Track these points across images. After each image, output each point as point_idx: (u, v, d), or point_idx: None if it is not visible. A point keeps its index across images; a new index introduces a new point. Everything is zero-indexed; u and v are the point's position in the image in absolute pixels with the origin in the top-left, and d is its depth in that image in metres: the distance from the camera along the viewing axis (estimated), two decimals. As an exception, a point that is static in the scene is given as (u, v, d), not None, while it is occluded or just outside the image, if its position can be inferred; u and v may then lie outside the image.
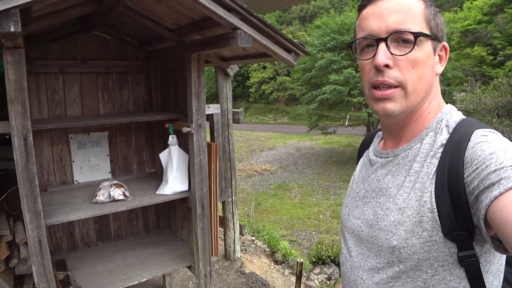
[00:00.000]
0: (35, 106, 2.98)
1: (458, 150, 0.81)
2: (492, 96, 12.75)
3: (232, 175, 4.23)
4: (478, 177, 0.74)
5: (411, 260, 0.85)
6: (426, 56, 0.87)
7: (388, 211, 0.91)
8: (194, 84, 2.69)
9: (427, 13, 0.87)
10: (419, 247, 0.83)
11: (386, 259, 0.91)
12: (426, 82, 0.89)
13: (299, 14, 38.46)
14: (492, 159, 0.73)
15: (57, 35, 3.02)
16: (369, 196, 1.00)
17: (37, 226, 2.24)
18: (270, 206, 10.85)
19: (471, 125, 0.85)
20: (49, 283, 2.34)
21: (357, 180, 1.09)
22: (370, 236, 0.95)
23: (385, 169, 0.98)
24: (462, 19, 20.22)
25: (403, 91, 0.88)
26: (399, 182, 0.91)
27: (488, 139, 0.79)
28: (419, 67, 0.87)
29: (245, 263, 4.69)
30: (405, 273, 0.87)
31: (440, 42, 0.91)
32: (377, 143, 1.08)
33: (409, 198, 0.87)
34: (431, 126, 0.91)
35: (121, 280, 2.85)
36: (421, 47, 0.86)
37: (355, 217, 1.03)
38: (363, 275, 0.97)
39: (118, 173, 3.47)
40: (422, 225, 0.83)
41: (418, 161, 0.89)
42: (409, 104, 0.89)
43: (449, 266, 0.83)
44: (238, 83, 32.34)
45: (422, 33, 0.86)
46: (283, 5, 5.27)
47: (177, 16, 2.52)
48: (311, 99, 16.68)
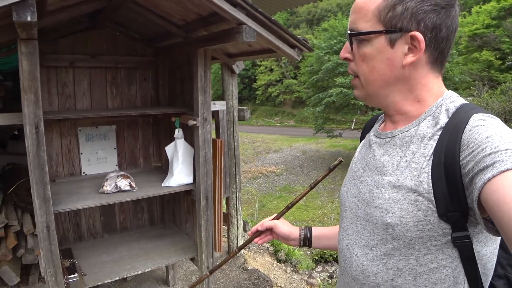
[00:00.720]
0: (45, 99, 3.06)
1: (455, 133, 0.83)
2: (499, 100, 12.67)
3: (237, 171, 4.29)
4: (473, 160, 0.76)
5: (404, 237, 0.87)
6: (376, 51, 0.92)
7: (383, 189, 0.93)
8: (201, 78, 2.76)
9: (382, 6, 0.90)
10: (412, 225, 0.85)
11: (380, 236, 0.93)
12: (381, 74, 0.94)
13: (306, 17, 38.52)
14: (488, 143, 0.75)
15: (68, 31, 3.11)
16: (365, 175, 1.02)
17: (46, 212, 2.31)
18: (275, 207, 10.87)
19: (471, 109, 0.87)
20: (55, 268, 2.41)
21: (356, 160, 1.12)
22: (366, 214, 0.98)
23: (382, 149, 1.00)
24: (470, 23, 20.12)
25: (359, 81, 0.99)
26: (395, 161, 0.94)
27: (485, 123, 0.80)
28: (368, 61, 0.94)
29: (248, 260, 4.74)
30: (398, 250, 0.89)
31: (405, 32, 0.89)
32: (378, 125, 1.10)
33: (403, 177, 0.89)
34: (430, 110, 0.93)
35: (125, 269, 2.91)
36: (370, 42, 0.93)
37: (352, 196, 1.05)
38: (358, 252, 1.00)
39: (125, 166, 3.55)
40: (417, 204, 0.85)
41: (415, 142, 0.91)
42: (368, 92, 0.99)
43: (442, 246, 0.85)
44: (245, 85, 32.41)
45: (355, 33, 0.94)
46: (290, 5, 5.32)
47: (184, 12, 2.59)
48: (317, 102, 16.70)
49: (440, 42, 0.91)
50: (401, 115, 0.98)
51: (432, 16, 0.87)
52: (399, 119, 0.99)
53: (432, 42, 0.90)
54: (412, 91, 0.95)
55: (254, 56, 3.18)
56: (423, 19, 0.87)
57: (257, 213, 9.11)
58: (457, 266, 0.86)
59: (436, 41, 0.90)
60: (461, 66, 16.60)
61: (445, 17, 0.89)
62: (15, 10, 1.65)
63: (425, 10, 0.87)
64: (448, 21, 0.89)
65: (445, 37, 0.90)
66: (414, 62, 0.90)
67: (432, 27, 0.88)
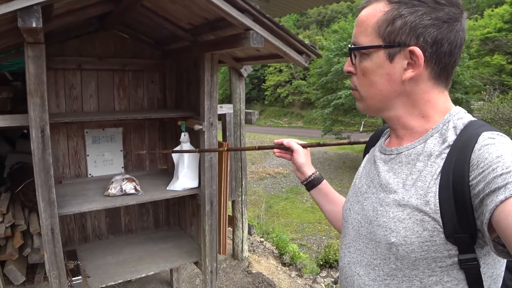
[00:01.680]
0: (53, 100, 3.08)
1: (464, 151, 0.80)
2: (510, 105, 12.53)
3: (243, 175, 4.28)
4: (484, 180, 0.73)
5: (408, 258, 0.85)
6: (375, 65, 0.91)
7: (388, 207, 0.90)
8: (207, 83, 2.75)
9: (381, 21, 0.89)
10: (417, 246, 0.83)
11: (383, 256, 0.91)
12: (380, 89, 0.93)
13: (316, 18, 38.41)
14: (499, 163, 0.72)
15: (76, 33, 3.12)
16: (369, 192, 1.00)
17: (51, 215, 2.32)
18: (281, 209, 10.85)
19: (479, 127, 0.85)
20: (59, 270, 2.42)
21: (360, 175, 1.10)
22: (369, 232, 0.95)
23: (387, 166, 0.98)
24: (482, 26, 19.92)
25: (359, 94, 0.99)
26: (401, 179, 0.91)
27: (495, 142, 0.78)
28: (368, 75, 0.94)
29: (253, 263, 4.73)
30: (401, 271, 0.87)
31: (404, 47, 0.87)
32: (384, 140, 1.08)
33: (409, 196, 0.86)
34: (437, 127, 0.91)
35: (129, 272, 2.92)
36: (370, 56, 0.92)
37: (355, 212, 1.03)
38: (360, 271, 0.97)
39: (131, 169, 3.55)
40: (423, 224, 0.82)
41: (421, 160, 0.89)
42: (368, 105, 0.99)
43: (447, 267, 0.82)
44: (253, 86, 32.42)
45: (355, 47, 0.94)
46: (301, 7, 5.30)
47: (191, 16, 2.58)
48: (326, 104, 16.65)
49: (442, 57, 0.88)
50: (406, 130, 0.96)
51: (432, 31, 0.85)
52: (404, 134, 0.97)
53: (433, 57, 0.87)
54: (415, 106, 0.93)
55: (261, 60, 3.17)
56: (422, 33, 0.85)
57: (263, 214, 9.09)
58: None
59: (438, 56, 0.87)
60: (472, 70, 16.42)
61: (447, 31, 0.86)
62: (20, 16, 1.65)
63: (424, 25, 0.85)
64: (450, 35, 0.86)
65: (448, 52, 0.87)
66: (415, 77, 0.89)
67: (432, 42, 0.86)
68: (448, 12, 0.86)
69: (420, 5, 0.85)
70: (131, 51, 3.41)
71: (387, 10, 0.88)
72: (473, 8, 27.72)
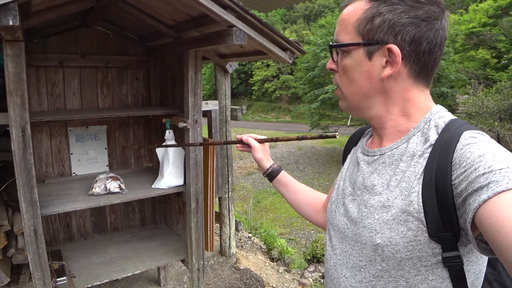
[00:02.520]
0: (34, 99, 3.03)
1: (446, 151, 0.81)
2: (494, 99, 12.72)
3: (229, 172, 4.27)
4: (466, 180, 0.74)
5: (394, 259, 0.86)
6: (355, 63, 0.92)
7: (372, 209, 0.91)
8: (191, 80, 2.73)
9: (360, 19, 0.89)
10: (402, 246, 0.84)
11: (369, 257, 0.91)
12: (360, 86, 0.94)
13: (303, 13, 38.43)
14: (481, 162, 0.73)
15: (58, 29, 3.07)
16: (354, 194, 1.00)
17: (33, 215, 2.28)
18: (270, 204, 10.88)
19: (460, 126, 0.85)
20: (43, 271, 2.39)
21: (344, 177, 1.09)
22: (354, 234, 0.96)
23: (371, 167, 0.98)
24: (467, 21, 20.18)
25: (341, 92, 1.00)
26: (385, 180, 0.91)
27: (477, 141, 0.79)
28: (348, 73, 0.94)
29: (241, 259, 4.74)
30: (387, 271, 0.88)
31: (383, 44, 0.88)
32: (365, 141, 1.08)
33: (394, 197, 0.87)
34: (419, 126, 0.91)
35: (115, 271, 2.89)
36: (350, 54, 0.93)
37: (340, 214, 1.03)
38: (346, 273, 0.98)
39: (116, 167, 3.52)
40: (407, 224, 0.83)
41: (404, 160, 0.89)
42: (350, 103, 0.99)
43: (432, 266, 0.83)
44: (241, 81, 32.37)
45: (334, 45, 0.95)
46: (287, 3, 5.28)
47: (174, 12, 2.56)
48: (313, 98, 16.70)
49: (421, 56, 0.88)
50: (387, 129, 0.97)
51: (410, 29, 0.86)
52: (385, 133, 0.98)
53: (411, 55, 0.88)
54: (396, 104, 0.93)
55: (245, 57, 3.15)
56: (400, 31, 0.86)
57: (251, 210, 9.11)
58: (447, 286, 0.84)
59: (416, 54, 0.88)
60: (457, 64, 16.59)
61: (425, 30, 0.86)
62: (-4, 14, 1.61)
63: (402, 23, 0.85)
64: (429, 34, 0.86)
65: (427, 50, 0.88)
66: (393, 75, 0.89)
67: (410, 40, 0.86)
68: (427, 11, 0.86)
69: (399, 4, 0.86)
70: (115, 47, 3.36)
71: (367, 8, 0.88)
72: (458, 3, 28.00)
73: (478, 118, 12.67)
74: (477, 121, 12.37)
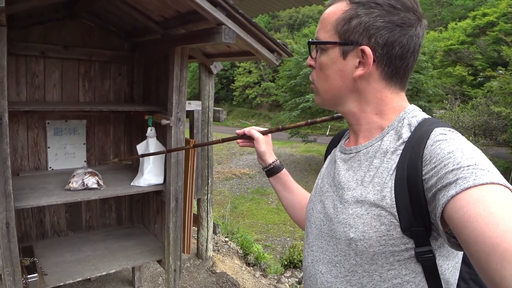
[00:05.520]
0: (13, 88, 2.93)
1: (417, 147, 0.83)
2: (470, 115, 13.10)
3: (209, 173, 4.23)
4: (436, 175, 0.76)
5: (367, 253, 0.87)
6: (331, 61, 0.95)
7: (347, 204, 0.93)
8: (176, 77, 2.70)
9: (339, 19, 0.92)
10: (375, 240, 0.85)
11: (343, 252, 0.92)
12: (334, 84, 0.97)
13: (288, 22, 38.76)
14: (450, 158, 0.76)
15: (42, 19, 2.99)
16: (330, 191, 1.02)
17: (6, 208, 2.20)
18: (246, 210, 10.84)
19: (432, 123, 0.88)
20: (14, 267, 2.30)
21: (322, 176, 1.12)
22: (330, 230, 0.97)
23: (347, 165, 1.01)
24: (446, 38, 20.77)
25: (316, 87, 1.03)
26: (359, 176, 0.94)
27: (447, 138, 0.81)
28: (324, 70, 0.98)
29: (217, 262, 4.69)
30: (361, 266, 0.89)
31: (357, 45, 0.90)
32: (344, 141, 1.11)
33: (367, 192, 0.89)
34: (393, 125, 0.94)
35: (89, 270, 2.81)
36: (327, 52, 0.96)
37: (317, 212, 1.05)
38: (322, 269, 0.99)
39: (94, 163, 3.44)
40: (380, 219, 0.85)
41: (378, 157, 0.92)
42: (323, 98, 1.03)
43: (405, 261, 0.85)
44: (222, 86, 32.34)
45: (313, 42, 0.99)
46: (272, 8, 5.31)
47: (163, 7, 2.52)
48: (294, 106, 16.80)
49: (392, 60, 0.91)
50: (361, 126, 1.00)
51: (384, 33, 0.89)
52: (360, 130, 1.01)
53: (383, 58, 0.91)
54: (368, 103, 0.97)
55: (232, 57, 3.14)
56: (374, 34, 0.89)
57: (228, 215, 9.05)
58: (421, 281, 0.86)
59: (388, 58, 0.90)
60: (435, 79, 17.01)
61: (399, 35, 0.89)
62: (-19, -6, 1.56)
63: (377, 26, 0.89)
64: (403, 39, 0.89)
65: (399, 55, 0.90)
66: (365, 75, 0.92)
67: (383, 43, 0.89)
68: (403, 17, 0.89)
69: (376, 8, 0.89)
70: (99, 41, 3.30)
71: (346, 9, 0.92)
72: (438, 20, 28.75)
73: (454, 133, 12.97)
74: (452, 135, 12.67)
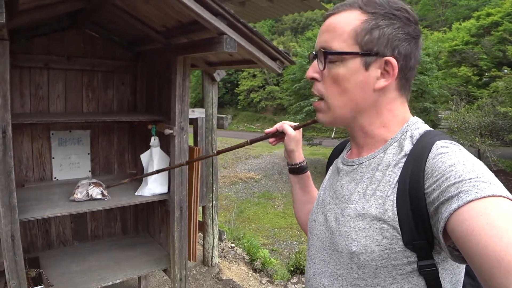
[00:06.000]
0: (17, 100, 2.95)
1: (419, 161, 0.83)
2: (476, 115, 13.01)
3: (214, 180, 4.23)
4: (438, 189, 0.76)
5: (369, 267, 0.86)
6: (350, 72, 0.91)
7: (349, 218, 0.92)
8: (179, 86, 2.70)
9: (359, 29, 0.89)
10: (377, 254, 0.85)
11: (346, 266, 0.92)
12: (352, 97, 0.92)
13: (291, 25, 38.81)
14: (452, 172, 0.75)
15: (45, 31, 3.01)
16: (332, 203, 1.01)
17: (11, 220, 2.21)
18: (253, 214, 10.82)
19: (434, 136, 0.88)
20: (19, 279, 2.30)
21: (325, 187, 1.11)
22: (332, 243, 0.97)
23: (349, 177, 1.00)
24: (451, 39, 20.70)
25: (326, 104, 0.96)
26: (361, 189, 0.93)
27: (448, 151, 0.81)
28: (340, 82, 0.92)
29: (223, 269, 4.68)
30: (364, 280, 0.88)
31: (380, 56, 0.89)
32: (346, 152, 1.10)
33: (369, 205, 0.88)
34: (396, 137, 0.93)
35: (95, 280, 2.81)
36: (344, 63, 0.91)
37: (320, 224, 1.04)
38: (324, 282, 0.98)
39: (99, 173, 3.45)
40: (382, 232, 0.84)
41: (380, 169, 0.91)
42: (335, 115, 0.96)
43: (407, 274, 0.84)
44: (227, 90, 32.38)
45: (331, 52, 0.91)
46: (276, 14, 5.32)
47: (165, 18, 2.53)
48: (299, 110, 16.78)
49: (408, 70, 0.93)
50: (366, 139, 0.98)
51: (405, 44, 0.90)
52: (364, 144, 0.99)
53: (402, 69, 0.92)
54: (379, 116, 0.95)
55: (234, 65, 3.14)
56: (397, 46, 0.90)
57: (234, 220, 9.05)
58: None
59: (406, 69, 0.92)
60: (440, 80, 16.95)
61: (414, 47, 0.92)
62: (-18, 10, 1.57)
63: (400, 38, 0.89)
64: (416, 51, 0.92)
65: (412, 66, 0.93)
66: (385, 87, 0.91)
67: (405, 55, 0.90)
68: (414, 29, 0.92)
69: (395, 19, 0.90)
70: (102, 51, 3.31)
71: (365, 19, 0.90)
72: (442, 21, 28.65)
73: (460, 134, 12.92)
74: (458, 136, 12.62)
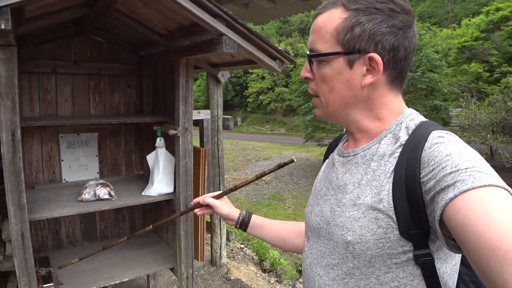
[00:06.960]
0: (27, 104, 3.04)
1: (415, 150, 0.83)
2: (487, 112, 12.81)
3: (221, 181, 4.28)
4: (434, 178, 0.76)
5: (364, 256, 0.87)
6: (335, 71, 0.93)
7: (344, 208, 0.93)
8: (182, 88, 2.76)
9: (340, 28, 0.90)
10: (372, 243, 0.85)
11: (341, 255, 0.93)
12: (341, 95, 0.95)
13: (299, 26, 38.75)
14: (448, 161, 0.76)
15: (51, 37, 3.09)
16: (328, 194, 1.02)
17: (21, 220, 2.28)
18: (263, 215, 10.54)
19: (430, 126, 0.88)
20: (30, 277, 2.37)
21: (320, 179, 1.12)
22: (328, 233, 0.98)
23: (344, 168, 1.01)
24: (460, 35, 20.44)
25: (320, 100, 1.00)
26: (356, 179, 0.94)
27: (444, 140, 0.81)
28: (328, 81, 0.95)
29: (232, 269, 4.72)
30: (359, 269, 0.89)
31: (364, 53, 0.90)
32: (342, 144, 1.11)
33: (364, 195, 0.89)
34: (390, 128, 0.94)
35: (103, 278, 2.88)
36: (330, 63, 0.93)
37: (315, 215, 1.05)
38: (320, 271, 1.00)
39: (107, 174, 3.52)
40: (378, 221, 0.85)
41: (375, 160, 0.92)
42: (329, 111, 1.00)
43: (403, 263, 0.85)
44: (236, 93, 32.47)
45: (314, 54, 0.95)
46: (280, 14, 5.36)
47: (166, 21, 2.59)
48: (308, 111, 16.74)
49: (398, 63, 0.92)
50: (362, 133, 0.99)
51: (389, 38, 0.89)
52: (360, 137, 1.00)
53: (390, 63, 0.91)
54: (372, 110, 0.96)
55: (236, 66, 3.19)
56: (380, 41, 0.89)
57: (244, 221, 9.04)
58: (418, 284, 0.86)
59: (394, 62, 0.91)
60: (450, 77, 16.76)
61: (402, 38, 0.90)
62: (-12, 17, 1.64)
63: (382, 32, 0.88)
64: (405, 42, 0.90)
65: (403, 57, 0.92)
66: (373, 82, 0.91)
67: (390, 48, 0.89)
68: (402, 20, 0.90)
69: (377, 13, 0.88)
70: (107, 55, 3.39)
71: (346, 17, 0.90)
72: (451, 17, 28.38)
73: (471, 131, 12.75)
74: (470, 133, 12.44)
